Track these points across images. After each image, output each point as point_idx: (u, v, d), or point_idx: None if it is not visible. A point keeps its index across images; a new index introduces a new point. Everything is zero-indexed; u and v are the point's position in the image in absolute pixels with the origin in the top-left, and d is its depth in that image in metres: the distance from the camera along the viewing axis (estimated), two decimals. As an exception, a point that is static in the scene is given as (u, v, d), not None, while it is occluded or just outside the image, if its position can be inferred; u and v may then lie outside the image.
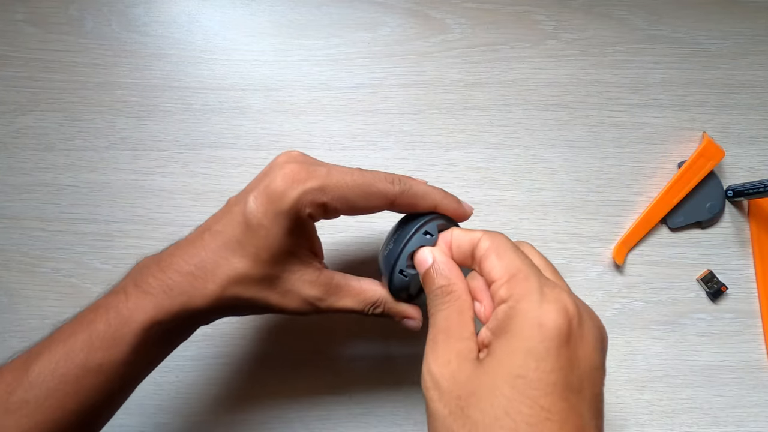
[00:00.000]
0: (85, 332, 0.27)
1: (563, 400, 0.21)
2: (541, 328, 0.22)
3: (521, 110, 0.45)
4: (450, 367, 0.24)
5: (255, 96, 0.44)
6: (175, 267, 0.28)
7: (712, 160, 0.43)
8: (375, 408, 0.42)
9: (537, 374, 0.21)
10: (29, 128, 0.43)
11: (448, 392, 0.23)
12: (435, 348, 0.25)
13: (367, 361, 0.42)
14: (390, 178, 0.29)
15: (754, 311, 0.44)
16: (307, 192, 0.27)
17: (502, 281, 0.25)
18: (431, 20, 0.45)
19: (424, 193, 0.30)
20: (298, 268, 0.29)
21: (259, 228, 0.27)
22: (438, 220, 0.31)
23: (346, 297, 0.31)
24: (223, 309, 0.29)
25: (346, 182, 0.28)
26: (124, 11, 0.44)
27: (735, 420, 0.43)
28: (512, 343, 0.22)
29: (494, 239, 0.26)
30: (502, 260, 0.25)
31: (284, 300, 0.29)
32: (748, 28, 0.46)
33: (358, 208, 0.29)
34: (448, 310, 0.26)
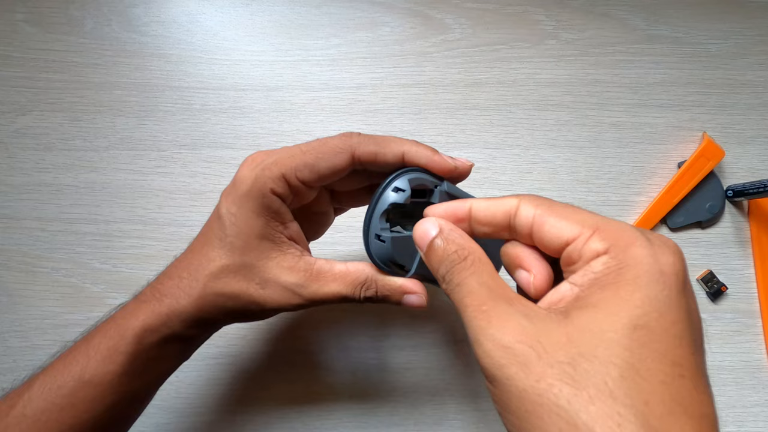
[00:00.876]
0: (83, 346, 0.27)
1: (691, 354, 0.19)
2: (662, 274, 0.19)
3: (521, 110, 0.45)
4: (527, 332, 0.20)
5: (255, 96, 0.44)
6: (168, 274, 0.29)
7: (712, 160, 0.43)
8: (375, 407, 0.42)
9: (663, 325, 0.18)
10: (29, 128, 0.43)
11: (540, 360, 0.19)
12: (489, 317, 0.21)
13: (368, 361, 0.42)
14: (347, 132, 0.28)
15: (754, 311, 0.44)
16: (264, 168, 0.27)
17: (586, 236, 0.21)
18: (431, 20, 0.45)
19: (387, 140, 0.27)
20: (275, 255, 0.28)
21: (228, 215, 0.27)
22: (410, 173, 0.27)
23: (331, 282, 0.28)
24: (209, 309, 0.28)
25: (301, 149, 0.27)
26: (124, 11, 0.44)
27: (735, 420, 0.43)
28: (625, 292, 0.19)
29: (539, 202, 0.23)
30: (570, 218, 0.22)
31: (265, 290, 0.28)
32: (748, 28, 0.46)
33: (321, 171, 0.27)
34: (479, 273, 0.23)
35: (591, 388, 0.17)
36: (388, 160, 0.27)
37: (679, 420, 0.17)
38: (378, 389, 0.42)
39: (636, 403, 0.17)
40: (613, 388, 0.17)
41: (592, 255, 0.21)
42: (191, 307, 0.27)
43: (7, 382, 0.41)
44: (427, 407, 0.42)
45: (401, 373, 0.42)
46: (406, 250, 0.28)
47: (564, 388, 0.18)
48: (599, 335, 0.18)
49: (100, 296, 0.42)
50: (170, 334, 0.28)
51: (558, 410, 0.18)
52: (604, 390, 0.17)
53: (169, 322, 0.27)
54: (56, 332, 0.42)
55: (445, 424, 0.42)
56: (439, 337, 0.43)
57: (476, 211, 0.25)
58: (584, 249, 0.21)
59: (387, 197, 0.27)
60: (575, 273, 0.21)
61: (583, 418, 0.17)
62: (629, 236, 0.20)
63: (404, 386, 0.42)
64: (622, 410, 0.17)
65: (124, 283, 0.42)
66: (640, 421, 0.17)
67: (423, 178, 0.28)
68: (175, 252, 0.42)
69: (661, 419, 0.17)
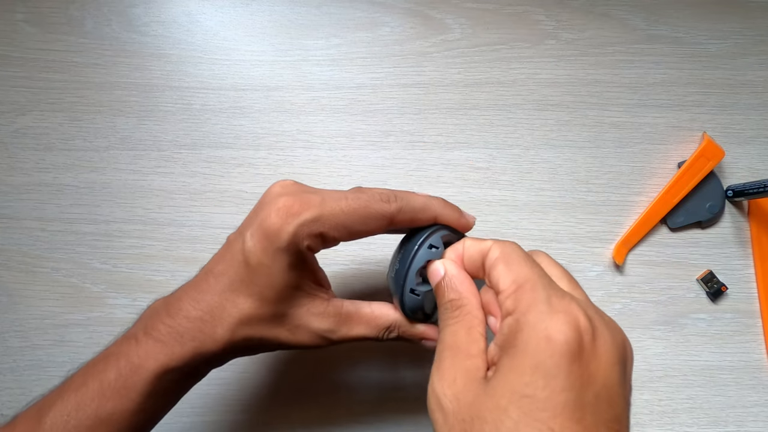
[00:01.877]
0: (96, 381, 0.27)
1: (575, 422, 0.19)
2: (549, 341, 0.20)
3: (521, 110, 0.45)
4: (455, 387, 0.22)
5: (255, 96, 0.44)
6: (183, 313, 0.28)
7: (712, 160, 0.43)
8: (375, 408, 0.42)
9: (545, 393, 0.20)
10: (29, 128, 0.43)
11: (453, 415, 0.21)
12: (441, 366, 0.24)
13: (367, 359, 0.42)
14: (385, 196, 0.28)
15: (754, 311, 0.44)
16: (303, 225, 0.26)
17: (509, 292, 0.23)
18: (431, 20, 0.45)
19: (423, 205, 0.29)
20: (305, 302, 0.28)
21: (260, 267, 0.26)
22: (441, 230, 0.29)
23: (358, 325, 0.30)
24: (235, 351, 0.28)
25: (341, 208, 0.27)
26: (124, 11, 0.44)
27: (735, 420, 0.43)
28: (518, 359, 0.21)
29: (504, 248, 0.25)
30: (511, 270, 0.24)
31: (295, 336, 0.28)
32: (748, 28, 0.46)
33: (357, 233, 0.28)
34: (457, 326, 0.25)
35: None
36: (422, 222, 0.29)
37: None
38: (379, 392, 0.42)
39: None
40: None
41: (505, 313, 0.23)
42: (217, 350, 0.27)
43: (7, 381, 0.41)
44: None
45: (402, 374, 0.42)
46: (433, 299, 0.29)
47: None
48: (494, 400, 0.20)
49: (100, 296, 0.42)
50: (190, 372, 0.28)
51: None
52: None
53: (193, 363, 0.27)
54: (56, 332, 0.42)
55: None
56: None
57: (465, 249, 0.27)
58: (502, 305, 0.23)
59: (423, 255, 0.28)
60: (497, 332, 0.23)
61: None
62: (532, 299, 0.22)
63: (405, 387, 0.42)
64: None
65: (124, 283, 0.42)
66: None
67: (451, 235, 0.30)
68: (175, 252, 0.43)
69: None
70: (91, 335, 0.42)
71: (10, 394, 0.41)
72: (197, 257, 0.42)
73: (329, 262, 0.43)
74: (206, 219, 0.43)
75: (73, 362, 0.41)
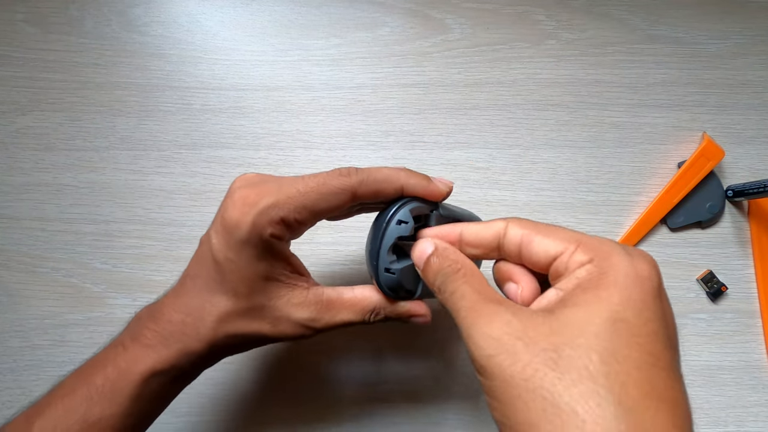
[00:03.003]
0: (83, 387, 0.27)
1: (667, 349, 0.20)
2: (639, 278, 0.21)
3: (521, 110, 0.45)
4: (513, 326, 0.21)
5: (255, 96, 0.44)
6: (167, 317, 0.28)
7: (712, 160, 0.43)
8: (374, 408, 0.42)
9: (640, 320, 0.20)
10: (29, 128, 0.43)
11: (527, 349, 0.20)
12: (480, 315, 0.23)
13: (367, 359, 0.42)
14: (345, 170, 0.27)
15: (754, 311, 0.44)
16: (260, 213, 0.26)
17: (571, 250, 0.23)
18: (431, 20, 0.45)
19: (386, 176, 0.28)
20: (284, 293, 0.28)
21: (227, 262, 0.26)
22: (411, 203, 0.28)
23: (341, 311, 0.29)
24: (221, 348, 0.28)
25: (298, 189, 0.26)
26: (124, 11, 0.44)
27: (735, 420, 0.43)
28: (606, 293, 0.21)
29: (525, 223, 0.25)
30: (554, 235, 0.24)
31: (277, 328, 0.28)
32: (748, 28, 0.46)
33: (320, 212, 0.27)
34: (471, 282, 0.24)
35: (573, 373, 0.19)
36: (388, 195, 0.28)
37: (653, 402, 0.19)
38: (377, 389, 0.42)
39: (614, 385, 0.19)
40: (593, 372, 0.19)
41: (577, 265, 0.23)
42: (202, 350, 0.27)
43: (7, 381, 0.41)
44: (430, 411, 0.42)
45: (402, 372, 0.42)
46: (412, 275, 0.29)
47: (549, 372, 0.19)
48: (581, 327, 0.20)
49: (100, 296, 0.42)
50: (179, 374, 0.28)
51: (543, 393, 0.19)
52: (585, 374, 0.19)
53: (178, 364, 0.28)
54: (56, 332, 0.42)
55: (445, 424, 0.42)
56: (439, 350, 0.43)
57: (466, 235, 0.27)
58: (570, 261, 0.23)
59: (392, 231, 0.28)
60: (560, 282, 0.23)
61: (566, 399, 0.19)
62: (609, 247, 0.23)
63: (404, 385, 0.42)
64: (601, 391, 0.19)
65: (124, 283, 0.42)
66: (617, 401, 0.18)
67: (421, 206, 0.29)
68: (175, 252, 0.43)
69: (636, 400, 0.19)
70: (91, 335, 0.42)
71: (10, 394, 0.41)
72: (197, 257, 0.42)
73: (328, 262, 0.43)
74: (206, 219, 0.43)
75: (73, 362, 0.41)
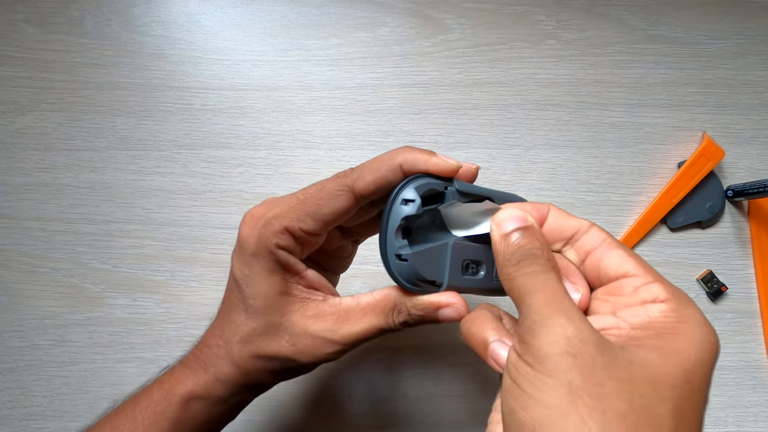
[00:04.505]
0: (130, 408, 0.28)
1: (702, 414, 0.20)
2: (711, 344, 0.21)
3: (521, 110, 0.45)
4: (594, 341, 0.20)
5: (255, 96, 0.44)
6: (206, 342, 0.29)
7: (712, 160, 0.43)
8: (374, 408, 0.42)
9: (702, 386, 0.20)
10: (29, 128, 0.43)
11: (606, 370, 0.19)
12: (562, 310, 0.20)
13: (366, 360, 0.42)
14: (341, 172, 0.27)
15: (754, 311, 0.44)
16: (265, 225, 0.26)
17: (647, 279, 0.22)
18: (431, 20, 0.45)
19: (380, 160, 0.26)
20: (298, 307, 0.27)
21: (243, 279, 0.27)
22: (416, 181, 0.25)
23: (361, 318, 0.27)
24: (252, 374, 0.28)
25: (299, 198, 0.26)
26: (124, 11, 0.44)
27: (735, 420, 0.43)
28: (681, 347, 0.20)
29: (609, 234, 0.25)
30: (635, 259, 0.23)
31: (297, 347, 0.27)
32: (748, 28, 0.46)
33: (324, 217, 0.26)
34: (552, 273, 0.22)
35: (641, 413, 0.18)
36: (389, 180, 0.26)
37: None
38: (377, 388, 0.42)
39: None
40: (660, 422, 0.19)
41: (651, 298, 0.22)
42: (234, 375, 0.27)
43: (7, 381, 0.41)
44: (427, 407, 0.42)
45: (402, 371, 0.42)
46: (433, 262, 0.26)
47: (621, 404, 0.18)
48: (657, 372, 0.19)
49: (100, 296, 0.42)
50: (215, 400, 0.28)
51: None
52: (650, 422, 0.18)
53: (214, 389, 0.28)
54: (56, 332, 0.42)
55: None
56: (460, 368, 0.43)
57: (552, 220, 0.26)
58: (643, 289, 0.22)
59: (398, 212, 0.25)
60: (624, 310, 0.22)
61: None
62: (687, 298, 0.22)
63: (403, 384, 0.42)
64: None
65: (124, 283, 0.42)
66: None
67: (430, 182, 0.25)
68: (175, 252, 0.43)
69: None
70: (91, 335, 0.42)
71: (11, 394, 0.41)
72: (197, 257, 0.42)
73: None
74: (206, 219, 0.43)
75: (74, 362, 0.41)
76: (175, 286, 0.42)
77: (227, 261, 0.43)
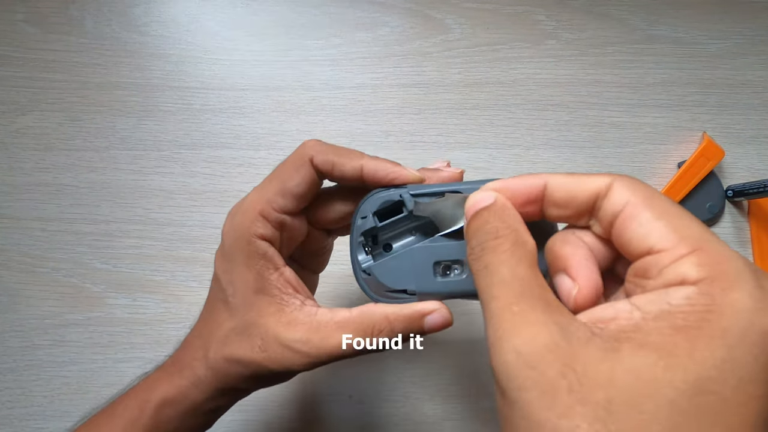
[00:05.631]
0: (105, 417, 0.27)
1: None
2: (763, 336, 0.15)
3: (521, 110, 0.45)
4: (562, 354, 0.16)
5: (255, 96, 0.44)
6: (186, 344, 0.28)
7: (712, 160, 0.43)
8: (374, 408, 0.42)
9: (738, 397, 0.14)
10: (29, 128, 0.43)
11: (574, 394, 0.15)
12: (517, 322, 0.17)
13: (366, 360, 0.42)
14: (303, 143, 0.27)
15: (754, 311, 0.44)
16: (240, 214, 0.26)
17: (679, 253, 0.16)
18: (431, 20, 0.45)
19: (344, 150, 0.26)
20: (274, 310, 0.26)
21: (223, 276, 0.26)
22: (372, 195, 0.26)
23: (333, 332, 0.25)
24: (224, 378, 0.26)
25: (265, 180, 0.27)
26: (124, 11, 0.44)
27: (735, 420, 0.43)
28: (705, 344, 0.15)
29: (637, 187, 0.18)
30: (669, 221, 0.17)
31: (268, 354, 0.25)
32: (748, 28, 0.46)
33: (294, 192, 0.26)
34: (516, 260, 0.18)
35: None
36: (345, 172, 0.25)
37: None
38: (377, 388, 0.42)
39: None
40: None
41: (676, 279, 0.16)
42: (208, 377, 0.26)
43: (7, 381, 0.41)
44: (427, 407, 0.42)
45: (402, 371, 0.42)
46: (400, 270, 0.25)
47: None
48: (652, 386, 0.15)
49: (100, 296, 0.42)
50: (190, 406, 0.27)
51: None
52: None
53: (188, 393, 0.27)
54: (56, 332, 0.42)
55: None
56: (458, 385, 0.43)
57: (553, 187, 0.20)
58: (669, 268, 0.17)
59: (357, 228, 0.26)
60: (643, 294, 0.17)
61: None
62: (735, 272, 0.16)
63: (403, 385, 0.42)
64: None
65: (124, 283, 0.42)
66: None
67: (382, 195, 0.26)
68: (175, 252, 0.43)
69: None
70: (91, 335, 0.42)
71: (10, 394, 0.41)
72: (197, 257, 0.42)
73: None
74: (206, 219, 0.43)
75: (74, 362, 0.41)
76: (175, 286, 0.42)
77: (227, 261, 0.43)
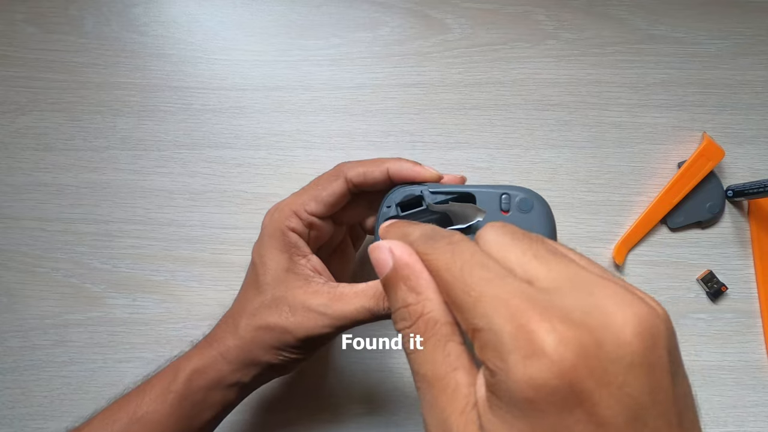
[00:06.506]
0: (142, 384, 0.31)
1: None
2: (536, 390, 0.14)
3: (521, 110, 0.45)
4: None
5: (255, 96, 0.44)
6: (220, 322, 0.32)
7: (712, 160, 0.43)
8: (374, 408, 0.42)
9: None
10: (29, 128, 0.43)
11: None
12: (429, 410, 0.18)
13: (367, 360, 0.42)
14: (339, 163, 0.32)
15: (754, 311, 0.44)
16: (277, 211, 0.31)
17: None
18: (431, 20, 0.45)
19: (371, 160, 0.31)
20: (301, 284, 0.30)
21: (258, 259, 0.31)
22: (397, 189, 0.31)
23: (353, 299, 0.29)
24: (250, 347, 0.30)
25: (304, 188, 0.32)
26: (124, 11, 0.44)
27: (735, 420, 0.43)
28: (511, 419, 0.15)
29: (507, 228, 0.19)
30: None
31: (295, 318, 0.29)
32: (748, 28, 0.46)
33: (325, 200, 0.31)
34: (426, 347, 0.18)
35: None
36: (376, 177, 0.31)
37: None
38: (378, 389, 0.42)
39: None
40: None
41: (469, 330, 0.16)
42: (235, 347, 0.30)
43: (7, 381, 0.41)
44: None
45: (401, 372, 0.42)
46: None
47: None
48: None
49: (100, 296, 0.42)
50: (216, 377, 0.30)
51: None
52: None
53: (216, 364, 0.30)
54: (56, 332, 0.42)
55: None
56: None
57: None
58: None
59: (382, 214, 0.31)
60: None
61: None
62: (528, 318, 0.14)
63: (404, 385, 0.42)
64: None
65: (124, 283, 0.42)
66: None
67: (406, 189, 0.31)
68: (175, 252, 0.43)
69: None
70: (91, 335, 0.42)
71: (10, 394, 0.41)
72: (197, 257, 0.42)
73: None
74: (206, 219, 0.43)
75: (73, 362, 0.41)
76: (175, 286, 0.42)
77: (227, 261, 0.43)
